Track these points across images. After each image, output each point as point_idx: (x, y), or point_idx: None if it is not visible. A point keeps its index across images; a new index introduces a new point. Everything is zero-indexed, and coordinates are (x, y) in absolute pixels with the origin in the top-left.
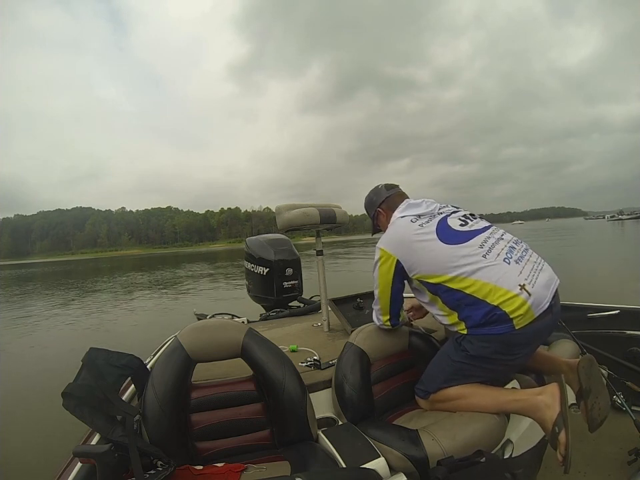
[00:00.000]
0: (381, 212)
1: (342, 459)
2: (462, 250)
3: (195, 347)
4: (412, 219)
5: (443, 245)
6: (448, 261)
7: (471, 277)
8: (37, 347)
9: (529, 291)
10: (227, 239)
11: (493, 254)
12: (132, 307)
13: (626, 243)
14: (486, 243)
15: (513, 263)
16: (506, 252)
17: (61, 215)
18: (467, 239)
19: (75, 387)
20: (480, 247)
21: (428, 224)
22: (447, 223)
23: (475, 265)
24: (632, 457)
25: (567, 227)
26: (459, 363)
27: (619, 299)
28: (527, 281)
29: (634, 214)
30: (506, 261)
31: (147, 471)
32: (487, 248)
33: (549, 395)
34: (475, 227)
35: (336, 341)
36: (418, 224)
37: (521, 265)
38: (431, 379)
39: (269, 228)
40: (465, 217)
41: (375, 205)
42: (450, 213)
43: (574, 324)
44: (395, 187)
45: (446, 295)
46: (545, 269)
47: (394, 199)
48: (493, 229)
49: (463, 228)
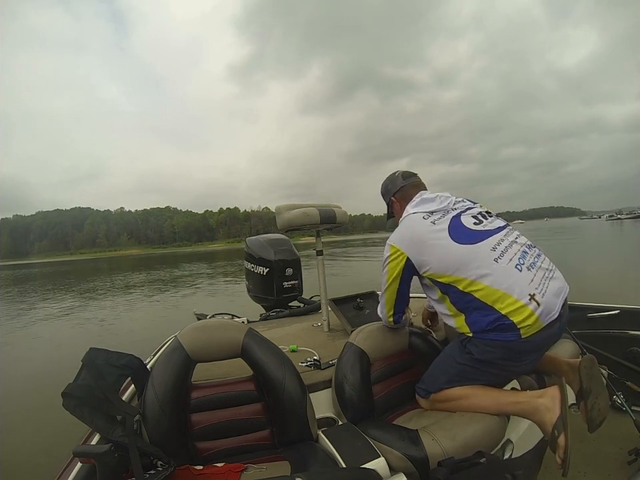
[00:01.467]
0: (395, 201)
1: (342, 458)
2: (474, 251)
3: (195, 347)
4: (424, 215)
5: (455, 244)
6: (459, 262)
7: (481, 280)
8: (37, 347)
9: (538, 301)
10: (226, 239)
11: (505, 259)
12: (131, 307)
13: (624, 243)
14: (499, 246)
15: (524, 269)
16: (518, 257)
17: (59, 215)
18: (480, 239)
19: (74, 387)
20: (492, 249)
21: (440, 220)
22: (461, 221)
23: (485, 269)
24: (632, 457)
25: (563, 226)
26: (463, 365)
27: (618, 298)
28: (537, 290)
29: (632, 213)
30: (517, 268)
31: (147, 470)
32: (500, 251)
33: (549, 398)
34: (489, 227)
35: (336, 341)
36: (430, 221)
37: (532, 272)
38: (432, 379)
39: (268, 228)
40: (480, 215)
41: (389, 194)
42: (465, 209)
43: (574, 324)
44: (413, 176)
45: (455, 296)
46: (556, 276)
47: (409, 190)
48: (507, 230)
49: (476, 227)
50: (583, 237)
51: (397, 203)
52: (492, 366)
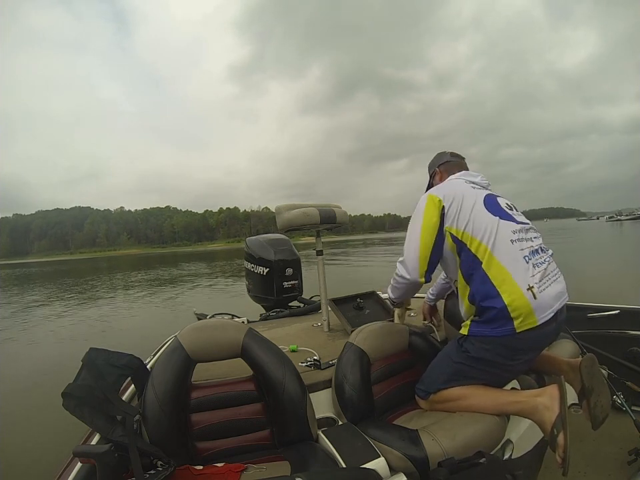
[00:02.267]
0: (438, 172)
1: (342, 459)
2: (498, 224)
3: (195, 347)
4: (466, 181)
5: (485, 210)
6: (482, 225)
7: (493, 252)
8: (37, 347)
9: (535, 294)
10: (226, 239)
11: (517, 246)
12: (131, 307)
13: (624, 245)
14: (517, 234)
15: (530, 264)
16: (529, 252)
17: (59, 215)
18: (506, 219)
19: (74, 387)
20: (513, 232)
21: (478, 190)
22: (496, 199)
23: (499, 244)
24: (632, 457)
25: (562, 227)
26: (460, 364)
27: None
28: (537, 285)
29: (632, 215)
30: (525, 259)
31: (147, 471)
32: (516, 238)
33: (548, 397)
34: (516, 217)
35: (336, 341)
36: (470, 186)
37: (537, 269)
38: (431, 379)
39: (268, 228)
40: (511, 205)
41: (435, 165)
42: (498, 195)
43: (574, 324)
44: (459, 157)
45: (465, 258)
46: (559, 281)
47: (453, 167)
48: (529, 227)
49: (507, 210)
50: (582, 239)
51: (439, 173)
52: (488, 364)
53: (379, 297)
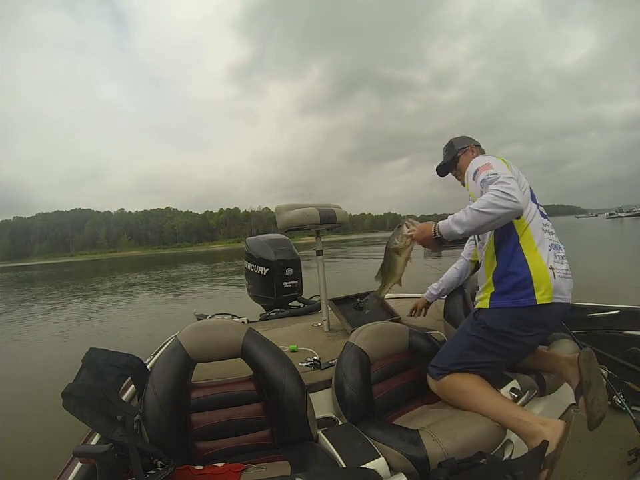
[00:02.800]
0: (473, 149)
1: (342, 459)
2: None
3: (195, 347)
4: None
5: (530, 194)
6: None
7: (530, 229)
8: (39, 346)
9: (555, 275)
10: (226, 239)
11: (546, 235)
12: (131, 307)
13: (625, 242)
14: (546, 227)
15: (552, 253)
16: (552, 244)
17: (59, 217)
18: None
19: (75, 387)
20: (544, 224)
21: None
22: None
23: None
24: (632, 457)
25: (560, 225)
26: (474, 337)
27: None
28: (557, 270)
29: (633, 211)
30: (549, 247)
31: (147, 471)
32: (546, 229)
33: (552, 430)
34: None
35: (336, 341)
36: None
37: (557, 259)
38: (444, 354)
39: (268, 228)
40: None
41: (466, 142)
42: None
43: (574, 324)
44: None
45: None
46: (570, 280)
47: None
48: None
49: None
50: (581, 238)
51: (473, 150)
52: (502, 337)
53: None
